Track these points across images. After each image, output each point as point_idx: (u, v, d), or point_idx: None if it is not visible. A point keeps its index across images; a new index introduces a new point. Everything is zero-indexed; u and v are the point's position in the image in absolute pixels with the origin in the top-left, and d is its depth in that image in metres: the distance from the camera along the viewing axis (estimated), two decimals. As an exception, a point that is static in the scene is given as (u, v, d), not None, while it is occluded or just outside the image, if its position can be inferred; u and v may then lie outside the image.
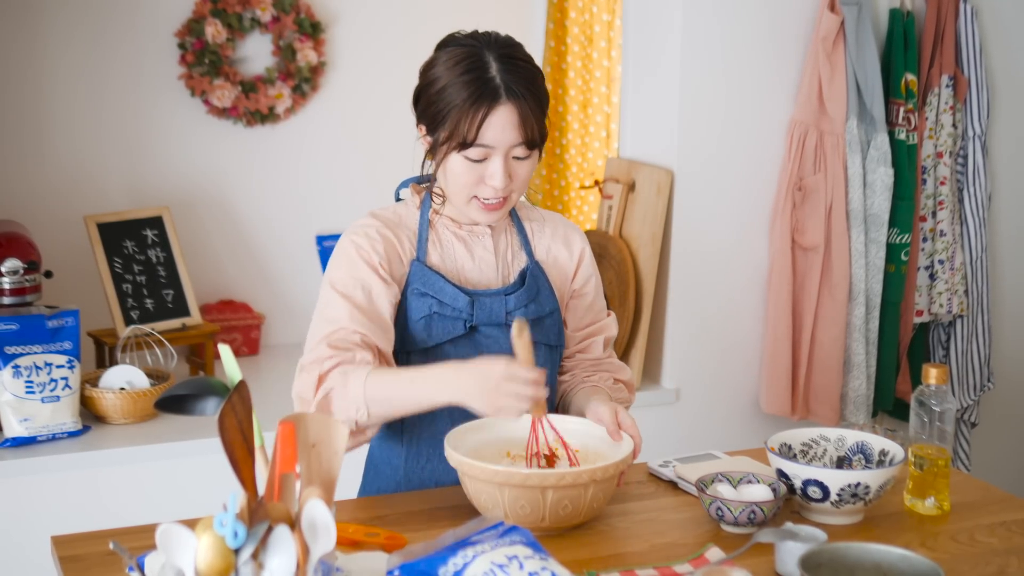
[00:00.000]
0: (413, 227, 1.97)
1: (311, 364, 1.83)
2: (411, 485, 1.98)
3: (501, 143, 1.85)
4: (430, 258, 1.95)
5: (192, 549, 1.28)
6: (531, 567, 1.37)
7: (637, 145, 3.44)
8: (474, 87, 1.84)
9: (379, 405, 1.79)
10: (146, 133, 3.54)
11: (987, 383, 3.56)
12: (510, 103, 1.84)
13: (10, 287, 2.98)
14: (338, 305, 1.86)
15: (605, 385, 2.03)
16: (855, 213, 3.27)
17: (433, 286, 1.91)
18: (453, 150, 1.87)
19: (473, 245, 1.97)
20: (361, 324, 1.85)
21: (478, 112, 1.83)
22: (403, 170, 3.80)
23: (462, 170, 1.88)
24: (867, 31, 3.24)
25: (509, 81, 1.84)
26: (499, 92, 1.84)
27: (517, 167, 1.88)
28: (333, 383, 1.80)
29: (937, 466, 1.88)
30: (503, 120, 1.84)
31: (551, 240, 2.04)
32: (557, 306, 2.01)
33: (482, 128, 1.84)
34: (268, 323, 3.73)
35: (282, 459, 1.36)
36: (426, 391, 1.79)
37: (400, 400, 1.80)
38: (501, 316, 1.94)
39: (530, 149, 1.88)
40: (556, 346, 2.02)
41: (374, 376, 1.79)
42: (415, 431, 1.96)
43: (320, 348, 1.84)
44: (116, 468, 2.86)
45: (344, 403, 1.79)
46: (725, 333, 3.34)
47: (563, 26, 4.10)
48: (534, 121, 1.86)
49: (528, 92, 1.85)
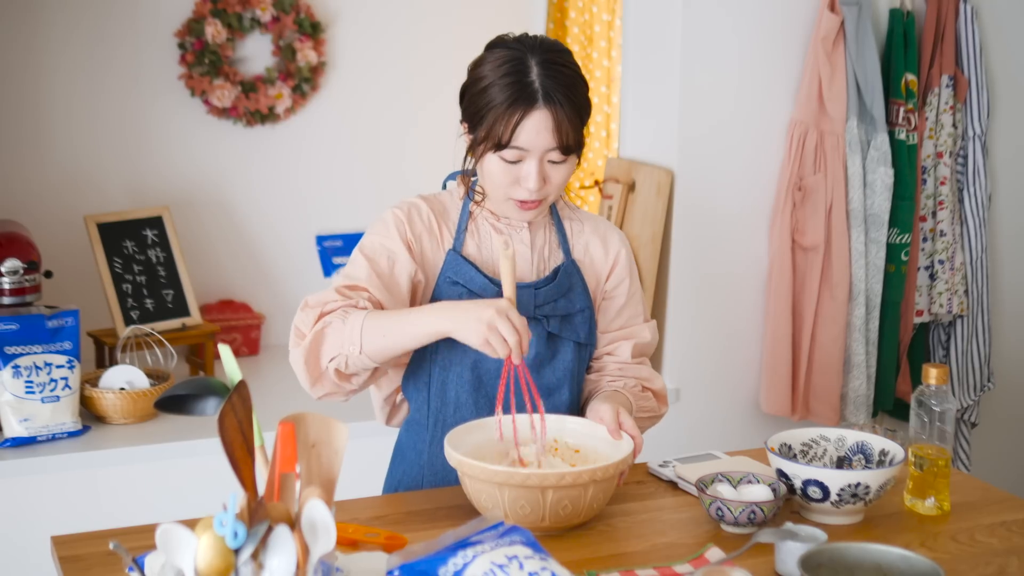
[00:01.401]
0: (454, 217, 2.01)
1: (316, 303, 1.89)
2: (434, 469, 2.00)
3: (535, 147, 1.87)
4: (466, 248, 1.98)
5: (192, 549, 1.28)
6: (531, 567, 1.37)
7: (637, 145, 3.44)
8: (512, 90, 1.86)
9: (374, 337, 1.82)
10: (146, 133, 3.54)
11: (987, 383, 3.56)
12: (546, 108, 1.85)
13: (10, 287, 2.99)
14: (360, 265, 1.93)
15: (631, 391, 2.02)
16: (855, 213, 3.27)
17: (464, 275, 1.95)
18: (490, 150, 1.89)
19: (510, 239, 1.99)
20: (375, 287, 1.91)
21: (514, 115, 1.85)
22: (403, 170, 3.82)
23: (498, 170, 1.90)
24: (867, 31, 3.24)
25: (548, 86, 1.86)
26: (536, 96, 1.85)
27: (552, 171, 1.91)
28: (333, 319, 1.85)
29: (937, 466, 1.88)
30: (538, 124, 1.86)
31: (590, 239, 2.06)
32: (588, 304, 2.03)
33: (517, 131, 1.86)
34: (268, 323, 3.73)
35: (282, 459, 1.36)
36: (421, 319, 1.83)
37: (397, 331, 1.83)
38: (530, 309, 1.96)
39: (565, 155, 1.89)
40: (585, 344, 2.03)
41: (374, 312, 1.85)
42: (441, 417, 1.98)
43: (328, 292, 1.90)
44: (116, 468, 2.86)
45: (339, 337, 1.84)
46: (725, 333, 3.34)
47: (563, 26, 4.10)
48: (570, 127, 1.87)
49: (566, 98, 1.86)
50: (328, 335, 1.85)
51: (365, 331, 1.82)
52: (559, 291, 1.99)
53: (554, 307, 1.98)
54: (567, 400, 2.01)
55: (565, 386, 2.01)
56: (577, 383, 2.04)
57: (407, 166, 3.83)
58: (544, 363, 1.99)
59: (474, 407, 1.96)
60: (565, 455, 1.90)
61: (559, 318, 1.98)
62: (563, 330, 1.99)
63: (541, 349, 1.98)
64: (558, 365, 2.00)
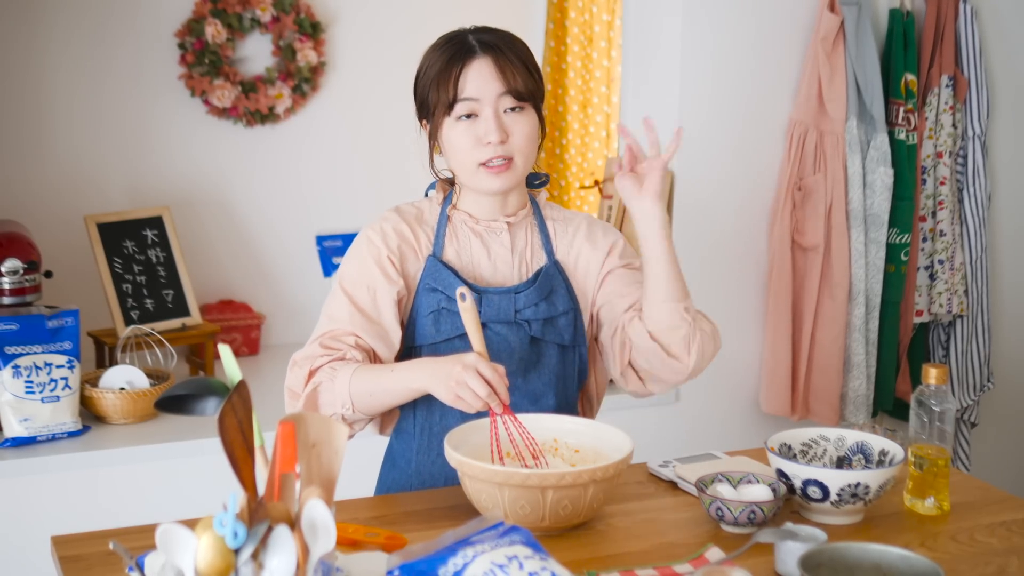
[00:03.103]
0: (433, 222, 2.00)
1: (303, 360, 1.91)
2: (422, 477, 2.00)
3: (484, 94, 1.89)
4: (446, 253, 1.97)
5: (192, 549, 1.28)
6: (531, 567, 1.37)
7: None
8: (449, 52, 1.91)
9: (363, 398, 1.85)
10: (146, 133, 3.54)
11: (987, 383, 3.56)
12: (485, 55, 1.90)
13: (10, 287, 2.99)
14: (341, 304, 1.93)
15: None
16: (855, 213, 3.27)
17: (443, 281, 1.94)
18: (444, 116, 1.91)
19: (490, 241, 1.98)
20: (358, 326, 1.91)
21: (454, 69, 1.89)
22: (402, 170, 3.82)
23: (457, 136, 1.91)
24: (867, 31, 3.24)
25: (484, 39, 1.91)
26: (473, 49, 1.91)
27: (512, 123, 1.91)
28: (322, 378, 1.87)
29: (937, 466, 1.88)
30: (480, 71, 1.89)
31: (574, 239, 2.03)
32: (573, 306, 2.00)
33: (460, 83, 1.89)
34: (268, 323, 3.73)
35: (282, 459, 1.36)
36: (401, 378, 1.85)
37: (381, 391, 1.86)
38: (510, 314, 1.95)
39: (519, 100, 1.90)
40: (570, 346, 2.00)
41: (359, 372, 1.86)
42: (427, 425, 1.98)
43: (313, 346, 1.92)
44: (116, 468, 2.86)
45: (331, 397, 1.86)
46: (725, 333, 3.31)
47: (563, 26, 4.10)
48: (515, 71, 1.90)
49: (504, 47, 1.91)
50: (321, 393, 1.87)
51: (353, 392, 1.85)
52: (540, 294, 1.96)
53: (536, 310, 1.95)
54: (553, 405, 1.99)
55: (551, 391, 1.99)
56: (563, 387, 2.01)
57: (407, 166, 3.82)
58: (529, 368, 1.97)
59: (460, 415, 1.92)
60: (565, 455, 1.90)
61: (541, 321, 1.96)
62: (546, 333, 1.96)
63: (524, 354, 1.96)
64: (543, 370, 1.98)
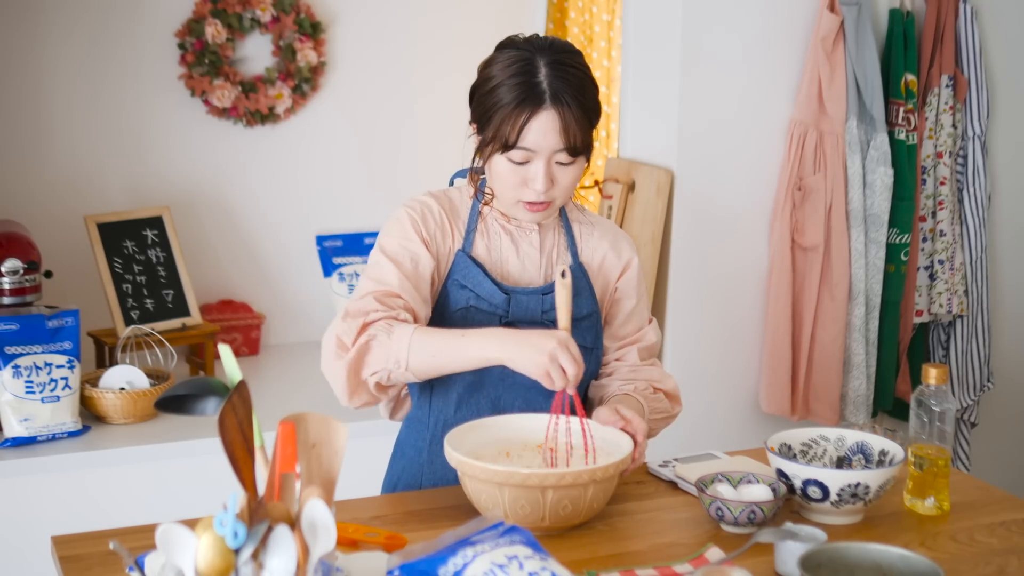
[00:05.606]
0: (464, 216, 2.00)
1: (357, 312, 1.86)
2: (434, 468, 2.00)
3: (542, 148, 1.86)
4: (476, 249, 1.98)
5: (192, 549, 1.28)
6: (531, 567, 1.37)
7: (637, 145, 3.44)
8: (520, 90, 1.85)
9: (422, 357, 1.82)
10: (146, 133, 3.54)
11: (987, 383, 3.56)
12: (554, 109, 1.85)
13: (10, 287, 2.99)
14: (388, 269, 1.91)
15: (642, 394, 2.01)
16: (855, 213, 3.27)
17: (472, 279, 1.94)
18: (497, 151, 1.89)
19: (519, 240, 1.99)
20: (406, 291, 1.90)
21: (521, 115, 1.85)
22: (402, 170, 3.82)
23: (505, 171, 1.90)
24: (867, 31, 3.24)
25: (556, 87, 1.85)
26: (544, 97, 1.85)
27: (560, 173, 1.90)
28: (377, 331, 1.84)
29: (937, 466, 1.88)
30: (545, 125, 1.85)
31: (599, 243, 2.05)
32: (596, 309, 2.02)
33: (523, 132, 1.86)
34: (268, 323, 3.73)
35: (282, 459, 1.36)
36: (476, 344, 1.82)
37: (446, 353, 1.83)
38: (537, 314, 1.96)
39: (573, 156, 1.89)
40: (592, 348, 2.02)
41: (422, 330, 1.84)
42: (442, 417, 1.98)
43: (368, 300, 1.88)
44: (116, 468, 2.86)
45: (384, 352, 1.82)
46: (725, 333, 3.34)
47: (563, 26, 4.10)
48: (578, 129, 1.87)
49: (574, 99, 1.86)
50: (373, 348, 1.83)
51: (413, 349, 1.81)
52: None
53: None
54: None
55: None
56: (583, 388, 2.04)
57: (407, 166, 3.84)
58: None
59: (475, 407, 1.95)
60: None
61: None
62: (572, 335, 1.98)
63: None
64: None
